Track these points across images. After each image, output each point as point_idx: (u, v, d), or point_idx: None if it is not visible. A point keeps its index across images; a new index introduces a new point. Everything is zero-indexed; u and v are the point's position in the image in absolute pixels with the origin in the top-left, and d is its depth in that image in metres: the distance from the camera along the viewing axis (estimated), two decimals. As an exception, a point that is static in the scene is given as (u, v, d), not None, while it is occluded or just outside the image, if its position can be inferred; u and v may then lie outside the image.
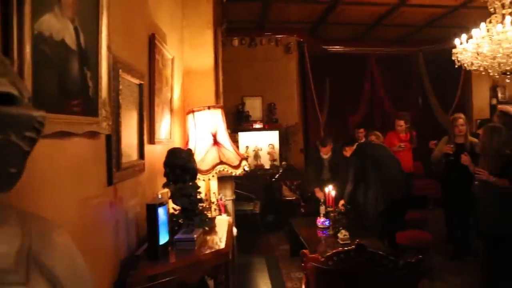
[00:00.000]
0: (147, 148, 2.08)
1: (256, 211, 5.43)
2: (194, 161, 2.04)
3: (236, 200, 5.01)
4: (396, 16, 6.77)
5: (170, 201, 2.02)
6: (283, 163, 6.83)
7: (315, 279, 2.43)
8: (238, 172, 2.44)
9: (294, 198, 6.03)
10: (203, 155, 2.44)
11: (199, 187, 2.06)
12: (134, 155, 1.87)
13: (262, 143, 7.09)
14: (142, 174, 1.98)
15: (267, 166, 6.94)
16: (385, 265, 2.15)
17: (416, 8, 6.36)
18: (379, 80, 8.33)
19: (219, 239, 1.96)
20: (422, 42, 8.30)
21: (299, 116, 7.52)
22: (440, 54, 6.50)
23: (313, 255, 2.39)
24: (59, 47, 1.10)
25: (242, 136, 6.97)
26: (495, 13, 4.60)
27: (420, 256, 2.24)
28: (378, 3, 6.17)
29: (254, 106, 7.25)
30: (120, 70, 1.61)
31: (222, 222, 2.28)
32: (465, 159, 4.06)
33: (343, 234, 3.58)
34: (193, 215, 1.94)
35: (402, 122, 5.77)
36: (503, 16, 4.46)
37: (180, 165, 1.92)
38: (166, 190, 2.02)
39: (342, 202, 4.50)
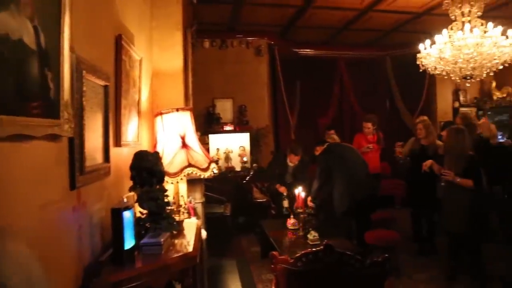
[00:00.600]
0: (113, 151, 2.03)
1: (227, 214, 5.40)
2: (161, 164, 2.02)
3: (207, 203, 4.99)
4: (365, 21, 6.94)
5: (137, 205, 1.99)
6: (254, 165, 6.84)
7: (284, 280, 2.44)
8: (207, 174, 2.42)
9: (265, 200, 6.05)
10: (171, 157, 2.41)
11: (166, 190, 2.03)
12: (99, 158, 1.83)
13: (233, 145, 7.08)
14: (108, 177, 1.94)
15: (238, 168, 6.94)
16: (352, 264, 2.18)
17: (383, 13, 6.53)
18: (348, 83, 8.50)
19: (187, 242, 1.94)
20: (389, 47, 8.55)
21: (269, 118, 7.57)
22: (406, 59, 6.71)
23: (282, 257, 2.40)
24: (16, 47, 1.05)
25: (213, 138, 6.94)
26: (455, 20, 4.80)
27: (386, 255, 2.29)
28: (347, 8, 6.30)
29: (225, 108, 7.23)
30: (84, 71, 1.57)
31: (191, 225, 2.26)
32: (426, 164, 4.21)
33: (312, 235, 3.62)
34: (160, 218, 1.92)
35: (369, 125, 5.91)
36: (463, 23, 4.67)
37: (147, 168, 1.89)
38: (132, 193, 1.98)
39: (309, 199, 4.58)
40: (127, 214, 1.64)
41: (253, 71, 7.48)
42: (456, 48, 4.56)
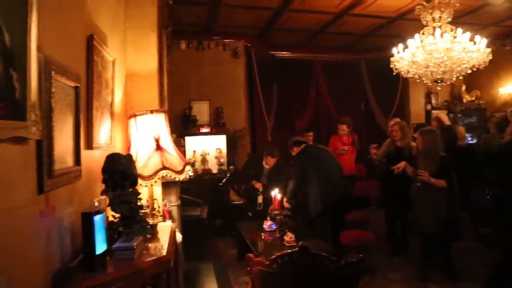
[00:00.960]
0: (85, 153, 1.98)
1: (204, 216, 5.36)
2: (134, 166, 1.98)
3: (183, 206, 4.94)
4: (340, 25, 7.04)
5: (109, 209, 1.95)
6: (231, 167, 6.83)
7: (260, 282, 2.44)
8: (182, 177, 2.40)
9: (241, 202, 6.04)
10: (146, 160, 2.38)
11: (139, 194, 1.99)
12: (69, 161, 1.78)
13: (210, 147, 7.05)
14: (79, 181, 1.89)
15: (214, 171, 6.91)
16: (327, 265, 2.20)
17: (358, 17, 6.65)
18: (324, 86, 8.60)
19: (161, 246, 1.91)
20: (364, 50, 8.71)
21: (246, 120, 7.57)
22: (380, 62, 6.83)
23: (258, 259, 2.40)
24: (-23, 46, 1.02)
25: (189, 140, 6.88)
26: (427, 25, 4.94)
27: (361, 255, 2.32)
28: (323, 12, 6.38)
29: (201, 110, 7.19)
30: (53, 72, 1.52)
31: (165, 229, 2.23)
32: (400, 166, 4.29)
33: (289, 236, 3.63)
34: (133, 222, 1.88)
35: (344, 127, 6.00)
36: (434, 29, 4.80)
37: (120, 171, 1.86)
38: (104, 197, 1.94)
39: (285, 199, 4.61)
40: (98, 218, 1.60)
41: (230, 73, 7.47)
42: (427, 53, 4.69)
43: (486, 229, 5.43)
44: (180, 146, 4.37)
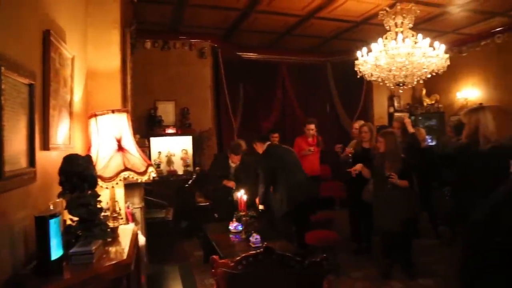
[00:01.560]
0: (40, 154, 1.89)
1: (169, 218, 5.27)
2: (93, 168, 1.91)
3: (147, 208, 4.84)
4: (306, 27, 7.13)
5: (67, 212, 1.86)
6: (197, 168, 6.75)
7: (225, 284, 2.41)
8: (145, 178, 2.34)
9: (207, 203, 5.99)
10: (107, 161, 2.30)
11: (99, 196, 1.92)
12: (23, 162, 1.69)
13: (175, 148, 6.94)
14: (34, 183, 1.80)
15: (180, 172, 6.81)
16: (292, 265, 2.21)
17: (324, 21, 6.75)
18: (290, 88, 8.68)
19: (122, 249, 1.85)
20: (330, 53, 8.86)
21: (212, 121, 7.52)
22: (345, 65, 6.99)
23: (222, 261, 2.37)
24: None
25: (155, 141, 6.76)
26: (390, 30, 5.09)
27: (325, 255, 2.35)
28: (290, 14, 6.43)
29: (167, 111, 7.07)
30: (3, 68, 1.44)
31: (126, 232, 2.16)
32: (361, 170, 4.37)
33: (255, 237, 3.63)
34: (92, 226, 1.81)
35: (313, 126, 6.05)
36: (396, 34, 4.96)
37: (77, 173, 1.78)
38: (61, 200, 1.86)
39: (257, 200, 4.62)
40: (53, 222, 1.53)
41: (196, 73, 7.39)
42: (390, 57, 4.83)
43: (444, 227, 5.66)
44: (144, 147, 4.26)
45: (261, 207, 4.65)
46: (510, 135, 4.57)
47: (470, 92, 8.23)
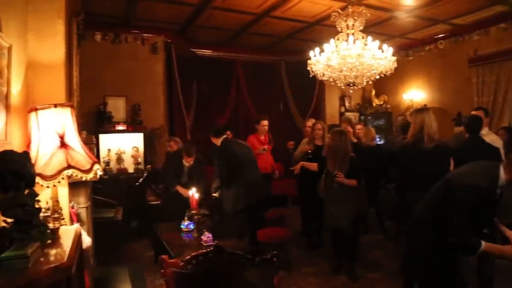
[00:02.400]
0: (-29, 150, 1.74)
1: (118, 218, 5.09)
2: (31, 165, 1.78)
3: (95, 207, 4.65)
4: (261, 26, 7.16)
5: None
6: (148, 166, 6.58)
7: (175, 284, 2.36)
8: (90, 176, 2.22)
9: (159, 202, 5.85)
10: (48, 158, 2.16)
11: (37, 195, 1.80)
12: (-51, 159, 1.55)
13: (126, 145, 6.72)
14: (-38, 182, 1.65)
15: (130, 170, 6.60)
16: (242, 263, 2.20)
17: (278, 20, 6.81)
18: (244, 86, 8.69)
19: (63, 252, 1.74)
20: (284, 52, 8.97)
21: (165, 118, 7.36)
22: (299, 65, 7.07)
23: (172, 260, 2.32)
24: None
25: (104, 138, 6.51)
26: (341, 32, 5.22)
27: (275, 252, 2.36)
28: (245, 12, 6.43)
29: (117, 107, 6.82)
30: None
31: (69, 233, 2.05)
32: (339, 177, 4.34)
33: (206, 236, 3.58)
34: (29, 227, 1.68)
35: (266, 122, 6.07)
36: (348, 35, 5.09)
37: (13, 170, 1.65)
38: (-6, 200, 1.72)
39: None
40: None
41: (149, 69, 7.20)
42: (341, 57, 4.96)
43: (390, 223, 5.93)
44: (91, 144, 4.07)
45: (215, 194, 4.62)
46: (454, 135, 4.87)
47: (415, 93, 8.66)
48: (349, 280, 4.21)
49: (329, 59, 5.05)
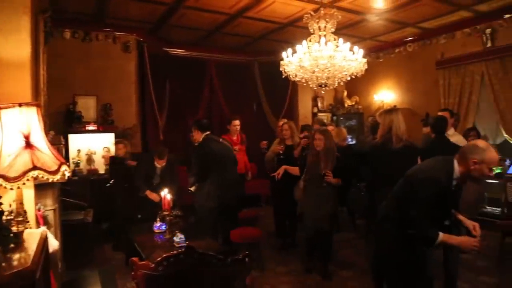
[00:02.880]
0: None
1: (88, 220, 4.97)
2: (-7, 166, 1.72)
3: (64, 210, 4.53)
4: (234, 26, 7.17)
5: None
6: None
7: (145, 287, 2.33)
8: (57, 178, 2.16)
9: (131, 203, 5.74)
10: (12, 159, 2.09)
11: None
12: None
13: (96, 146, 6.57)
14: None
15: (101, 171, 6.45)
16: (214, 264, 2.20)
17: (252, 20, 6.84)
18: (218, 86, 8.67)
19: (28, 256, 1.69)
20: (257, 53, 9.01)
21: (137, 118, 7.25)
22: (272, 65, 7.11)
23: (142, 262, 2.29)
24: None
25: (73, 138, 6.34)
26: (314, 33, 5.29)
27: (247, 252, 2.37)
28: (218, 12, 6.41)
29: (87, 106, 6.66)
30: None
31: (34, 236, 1.99)
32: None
33: (179, 237, 3.55)
34: (-9, 231, 1.63)
35: (238, 122, 6.06)
36: (320, 37, 5.16)
37: (-27, 172, 1.59)
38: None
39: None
40: None
41: (120, 67, 7.07)
42: (313, 59, 5.02)
43: (361, 221, 6.05)
44: (59, 144, 3.95)
45: (191, 188, 4.61)
46: (424, 135, 5.00)
47: (386, 94, 8.88)
48: (324, 279, 4.26)
49: (301, 60, 5.10)
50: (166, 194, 3.89)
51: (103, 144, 6.59)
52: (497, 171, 6.49)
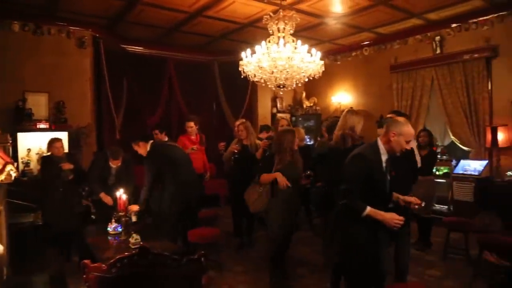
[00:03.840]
0: None
1: (39, 223, 4.76)
2: None
3: (12, 212, 4.31)
4: (194, 25, 7.11)
5: None
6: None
7: (98, 289, 2.27)
8: (1, 178, 2.07)
9: (84, 204, 5.56)
10: (-48, 158, 1.98)
11: None
12: None
13: (48, 145, 6.28)
14: None
15: (54, 171, 6.19)
16: (169, 264, 2.19)
17: (212, 20, 6.81)
18: (177, 85, 8.57)
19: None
20: (217, 52, 8.99)
21: (92, 116, 6.99)
22: (232, 65, 7.12)
23: (94, 265, 2.24)
24: None
25: (23, 137, 6.03)
26: (273, 35, 5.35)
27: (202, 252, 2.37)
28: (177, 10, 6.33)
29: (38, 104, 6.34)
30: None
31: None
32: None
33: (134, 238, 3.48)
34: None
35: (192, 124, 5.99)
36: (279, 38, 5.23)
37: None
38: None
39: (136, 208, 4.31)
40: None
41: (75, 64, 6.79)
42: (272, 59, 5.07)
43: (318, 220, 6.20)
44: (6, 143, 3.75)
45: (135, 208, 4.28)
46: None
47: (343, 96, 9.15)
48: (282, 277, 4.29)
49: (260, 61, 5.14)
50: (121, 194, 3.81)
51: (56, 143, 6.30)
52: (445, 171, 6.89)
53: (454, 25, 6.96)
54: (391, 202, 2.90)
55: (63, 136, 6.29)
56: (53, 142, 5.07)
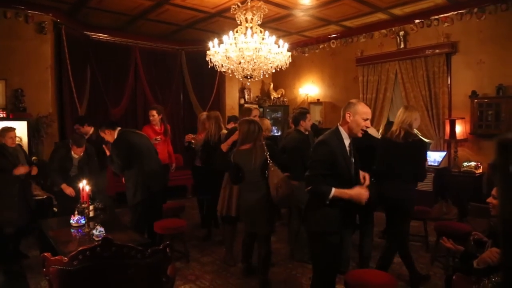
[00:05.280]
0: None
1: (-3, 217, 4.55)
2: None
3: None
4: (161, 13, 6.96)
5: None
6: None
7: (59, 283, 2.22)
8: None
9: (45, 197, 5.38)
10: None
11: None
12: None
13: (6, 135, 6.00)
14: None
15: (12, 162, 5.93)
16: (133, 255, 2.16)
17: (179, 8, 6.68)
18: (143, 74, 8.39)
19: None
20: (185, 42, 8.87)
21: (53, 105, 6.73)
22: (199, 55, 7.05)
23: (55, 258, 2.18)
24: None
25: (-22, 126, 5.73)
26: (240, 25, 5.33)
27: (167, 242, 2.36)
28: (143, -4, 6.18)
29: (-6, 91, 6.06)
30: None
31: None
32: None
33: (98, 230, 3.40)
34: None
35: (154, 112, 5.85)
36: (246, 28, 5.22)
37: None
38: None
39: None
40: None
41: (34, 50, 6.49)
42: (239, 50, 5.06)
43: (285, 210, 6.25)
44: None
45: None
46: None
47: (310, 88, 9.25)
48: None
49: (228, 51, 5.12)
50: (84, 185, 3.71)
51: (14, 133, 6.03)
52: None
53: (417, 21, 7.18)
54: (357, 184, 2.89)
55: (22, 125, 6.04)
56: (5, 131, 4.51)
